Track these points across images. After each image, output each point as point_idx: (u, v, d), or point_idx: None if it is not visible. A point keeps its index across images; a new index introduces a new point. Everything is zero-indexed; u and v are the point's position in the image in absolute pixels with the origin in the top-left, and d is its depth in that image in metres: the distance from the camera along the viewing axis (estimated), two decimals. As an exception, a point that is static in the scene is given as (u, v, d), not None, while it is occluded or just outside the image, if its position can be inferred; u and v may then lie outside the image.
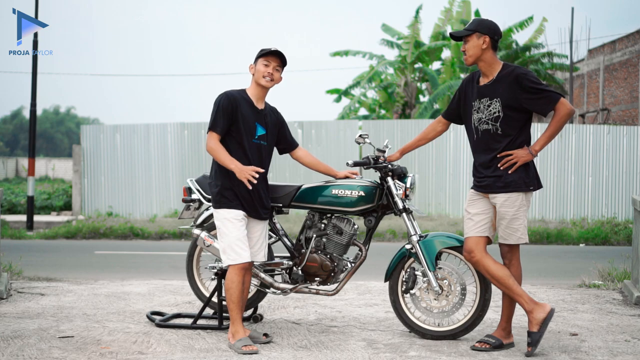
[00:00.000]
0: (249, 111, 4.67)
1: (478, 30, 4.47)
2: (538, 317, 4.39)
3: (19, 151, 61.76)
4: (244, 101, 4.68)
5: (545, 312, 4.39)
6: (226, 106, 4.60)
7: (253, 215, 4.71)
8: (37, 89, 15.05)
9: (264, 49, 4.72)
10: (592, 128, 15.56)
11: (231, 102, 4.62)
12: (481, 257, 4.50)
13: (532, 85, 4.39)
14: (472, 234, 4.56)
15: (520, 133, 4.48)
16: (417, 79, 23.79)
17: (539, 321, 4.39)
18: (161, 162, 16.22)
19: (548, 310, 4.40)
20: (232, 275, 4.60)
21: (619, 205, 15.29)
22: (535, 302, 4.44)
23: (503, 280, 4.46)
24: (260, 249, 4.81)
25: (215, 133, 4.61)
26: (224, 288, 4.72)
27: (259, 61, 4.71)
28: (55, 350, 4.45)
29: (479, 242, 4.53)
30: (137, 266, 9.44)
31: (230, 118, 4.61)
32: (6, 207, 16.72)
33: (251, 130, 4.67)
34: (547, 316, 4.39)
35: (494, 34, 4.49)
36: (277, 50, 4.70)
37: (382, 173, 4.91)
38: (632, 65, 24.38)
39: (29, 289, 6.58)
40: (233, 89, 4.75)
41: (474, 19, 4.59)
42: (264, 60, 4.69)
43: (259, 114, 4.73)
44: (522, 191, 4.46)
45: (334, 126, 16.23)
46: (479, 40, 4.47)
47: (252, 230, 4.75)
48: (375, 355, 4.41)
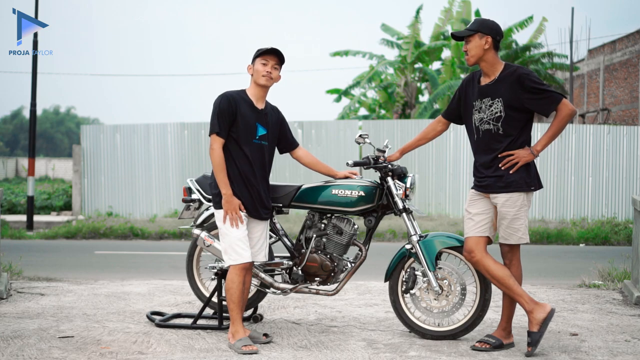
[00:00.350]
0: (249, 111, 4.66)
1: (480, 31, 4.47)
2: (538, 317, 4.39)
3: (19, 151, 61.76)
4: (243, 102, 4.67)
5: (546, 312, 4.39)
6: (226, 107, 4.58)
7: (254, 215, 4.70)
8: (37, 89, 15.06)
9: (261, 48, 4.71)
10: (592, 128, 15.56)
11: (230, 103, 4.60)
12: (481, 257, 4.50)
13: (534, 85, 4.39)
14: (473, 234, 4.56)
15: (521, 133, 4.48)
16: (417, 79, 23.79)
17: (539, 321, 4.39)
18: (161, 162, 16.23)
19: (548, 311, 4.40)
20: (233, 276, 4.60)
21: (619, 205, 15.29)
22: (536, 302, 4.44)
23: (503, 280, 4.46)
24: (261, 249, 4.81)
25: (219, 137, 4.58)
26: (225, 288, 4.72)
27: (256, 61, 4.69)
28: (55, 350, 4.45)
29: (479, 242, 4.53)
30: (137, 266, 9.44)
31: (230, 119, 4.59)
32: (6, 207, 16.73)
33: (252, 131, 4.66)
34: (547, 316, 4.39)
35: (496, 34, 4.49)
36: (275, 48, 4.69)
37: (382, 173, 4.90)
38: (632, 65, 24.38)
39: (29, 289, 6.58)
40: (232, 90, 4.74)
41: (476, 19, 4.59)
42: (262, 60, 4.68)
43: (260, 114, 4.71)
44: (523, 191, 4.46)
45: (334, 126, 16.23)
46: (481, 41, 4.47)
47: (253, 231, 4.74)
48: (375, 355, 4.41)
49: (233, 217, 4.57)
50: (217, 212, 4.67)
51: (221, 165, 4.57)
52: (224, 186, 4.56)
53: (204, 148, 15.90)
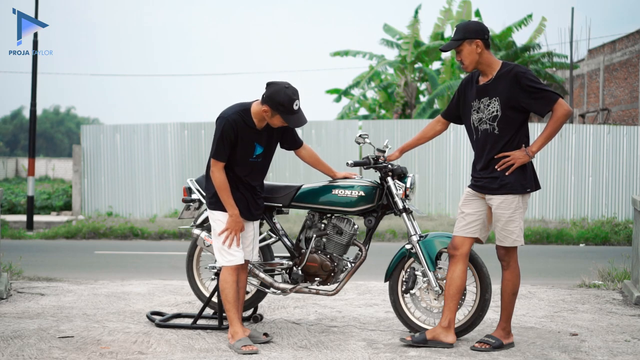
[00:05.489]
0: (248, 134, 4.58)
1: (467, 37, 4.44)
2: (439, 334, 4.52)
3: (19, 151, 61.74)
4: (245, 126, 4.55)
5: (446, 340, 4.51)
6: (228, 134, 4.50)
7: (246, 216, 4.73)
8: (37, 89, 15.05)
9: (289, 107, 4.41)
10: (592, 128, 15.56)
11: (234, 130, 4.51)
12: (460, 258, 4.54)
13: (530, 84, 4.38)
14: (461, 234, 4.57)
15: (517, 134, 4.46)
16: (417, 79, 23.78)
17: (437, 337, 4.52)
18: (161, 162, 16.22)
19: (449, 341, 4.51)
20: (226, 276, 4.62)
21: (619, 205, 15.28)
22: (451, 326, 4.53)
23: (453, 289, 4.53)
24: (254, 248, 4.85)
25: (219, 161, 4.55)
26: (219, 289, 4.73)
27: (279, 115, 4.44)
28: (55, 350, 4.45)
29: (464, 242, 4.55)
30: (137, 266, 9.44)
31: (231, 145, 4.54)
32: (6, 207, 16.72)
33: (250, 151, 4.63)
34: (443, 343, 4.50)
35: (483, 34, 4.46)
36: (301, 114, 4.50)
37: (382, 173, 4.90)
38: (632, 65, 24.38)
39: (29, 289, 6.58)
40: (237, 109, 4.56)
41: (458, 26, 4.52)
42: (285, 119, 4.46)
43: (259, 134, 4.63)
44: (519, 193, 4.45)
45: (334, 126, 16.23)
46: (471, 47, 4.45)
47: (246, 230, 4.77)
48: (375, 355, 4.41)
49: (231, 236, 4.59)
50: (212, 212, 4.68)
51: (224, 187, 4.55)
52: (230, 207, 4.56)
53: (204, 148, 15.90)
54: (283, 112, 4.42)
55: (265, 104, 4.45)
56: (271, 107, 4.43)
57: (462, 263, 4.54)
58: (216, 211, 4.64)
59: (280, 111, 4.42)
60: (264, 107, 4.46)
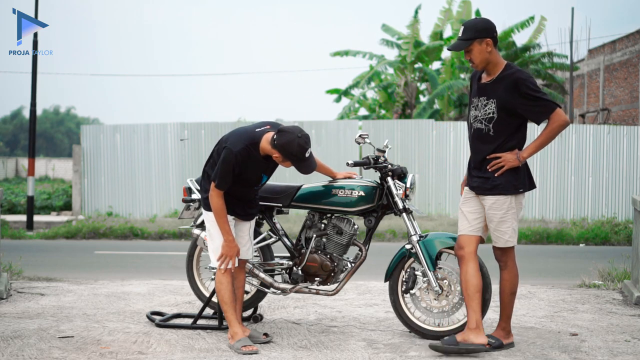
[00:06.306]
0: (257, 167, 4.58)
1: (477, 37, 4.40)
2: (469, 337, 4.39)
3: (19, 151, 61.73)
4: (253, 161, 4.53)
5: (477, 341, 4.38)
6: (235, 168, 4.48)
7: (242, 217, 4.74)
8: (37, 89, 15.05)
9: (301, 157, 4.39)
10: (592, 128, 15.56)
11: (241, 166, 4.49)
12: (468, 256, 4.49)
13: (529, 92, 4.34)
14: (466, 233, 4.55)
15: (511, 137, 4.44)
16: (417, 78, 23.77)
17: (467, 340, 4.39)
18: (161, 162, 16.23)
19: (480, 342, 4.38)
20: (220, 277, 4.64)
21: (619, 205, 15.29)
22: (480, 328, 4.41)
23: (470, 289, 4.43)
24: (250, 247, 4.86)
25: (220, 190, 4.52)
26: (215, 290, 4.73)
27: (289, 162, 4.44)
28: (55, 350, 4.45)
29: (471, 240, 4.53)
30: (137, 266, 9.44)
31: (234, 178, 4.52)
32: (6, 207, 16.72)
33: (255, 181, 4.66)
34: (474, 344, 4.37)
35: (493, 32, 4.44)
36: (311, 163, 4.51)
37: (382, 173, 4.91)
38: (632, 65, 24.38)
39: (29, 289, 6.58)
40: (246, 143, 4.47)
41: (466, 25, 4.47)
42: (296, 166, 4.46)
43: (267, 166, 4.63)
44: (511, 194, 4.43)
45: (334, 126, 16.24)
46: (482, 45, 4.41)
47: (242, 229, 4.79)
48: (375, 355, 4.41)
49: (226, 261, 4.59)
50: (207, 213, 4.70)
51: (222, 214, 4.54)
52: (225, 233, 4.56)
53: (204, 148, 15.91)
54: (295, 160, 4.43)
55: (277, 150, 4.43)
56: (283, 155, 4.43)
57: (472, 261, 4.49)
58: (211, 212, 4.64)
59: (292, 160, 4.43)
60: (275, 154, 4.45)
